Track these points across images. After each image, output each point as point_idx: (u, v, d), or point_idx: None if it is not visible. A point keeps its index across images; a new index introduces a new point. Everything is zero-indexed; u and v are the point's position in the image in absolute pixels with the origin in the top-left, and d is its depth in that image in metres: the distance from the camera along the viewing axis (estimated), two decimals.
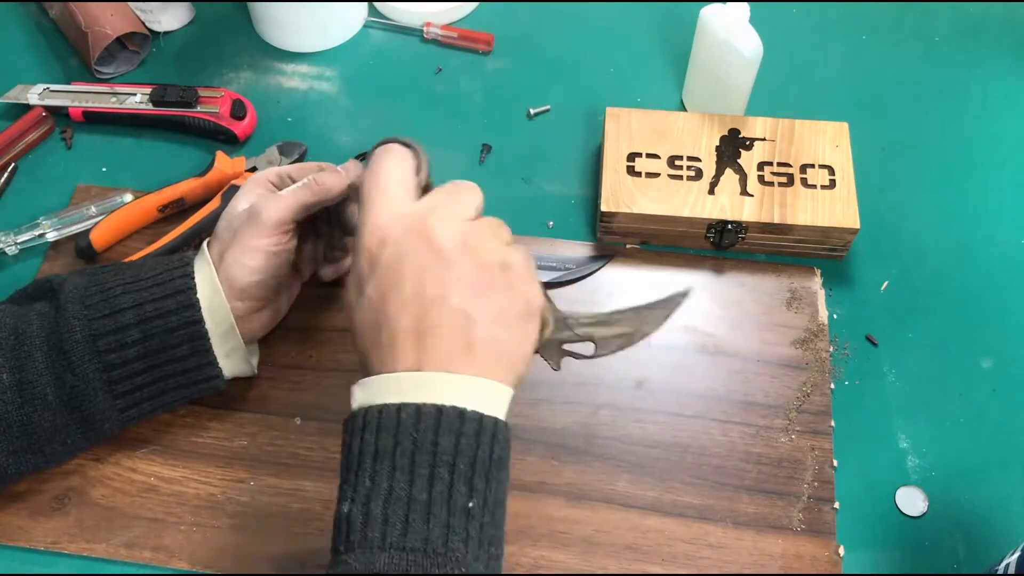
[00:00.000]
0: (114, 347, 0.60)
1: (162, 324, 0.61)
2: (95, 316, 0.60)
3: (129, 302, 0.61)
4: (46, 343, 0.60)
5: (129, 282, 0.62)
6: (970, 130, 0.87)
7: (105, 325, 0.60)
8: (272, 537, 0.64)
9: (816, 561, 0.64)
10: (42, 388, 0.60)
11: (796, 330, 0.74)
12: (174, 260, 0.63)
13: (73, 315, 0.60)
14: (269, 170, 0.69)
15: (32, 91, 0.85)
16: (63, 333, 0.60)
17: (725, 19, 0.78)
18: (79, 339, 0.60)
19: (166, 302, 0.61)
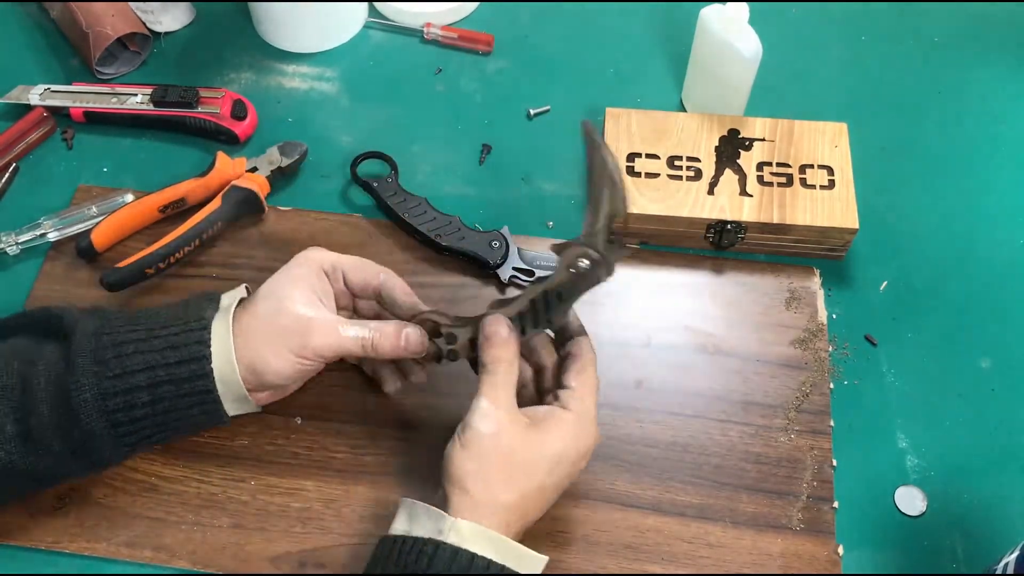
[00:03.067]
0: (123, 407, 0.59)
1: (173, 389, 0.60)
2: (106, 375, 0.59)
3: (141, 364, 0.59)
4: (54, 396, 0.59)
5: (142, 339, 0.60)
6: (969, 130, 0.87)
7: (115, 386, 0.59)
8: (272, 537, 0.64)
9: (815, 560, 0.64)
10: (47, 440, 0.59)
11: (795, 330, 0.74)
12: (191, 321, 0.61)
13: (83, 372, 0.59)
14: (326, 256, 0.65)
15: (33, 91, 0.85)
16: (71, 390, 0.58)
17: (725, 19, 0.78)
18: (88, 398, 0.58)
19: (179, 369, 0.60)
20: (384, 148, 0.84)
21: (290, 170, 0.81)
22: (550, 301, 0.60)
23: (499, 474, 0.57)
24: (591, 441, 0.61)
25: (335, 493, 0.66)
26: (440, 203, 0.81)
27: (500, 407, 0.58)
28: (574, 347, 0.63)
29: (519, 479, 0.57)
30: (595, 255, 0.58)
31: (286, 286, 0.63)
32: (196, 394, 0.60)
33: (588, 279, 0.59)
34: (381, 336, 0.63)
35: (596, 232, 0.58)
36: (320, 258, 0.65)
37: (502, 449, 0.57)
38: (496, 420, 0.58)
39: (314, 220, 0.80)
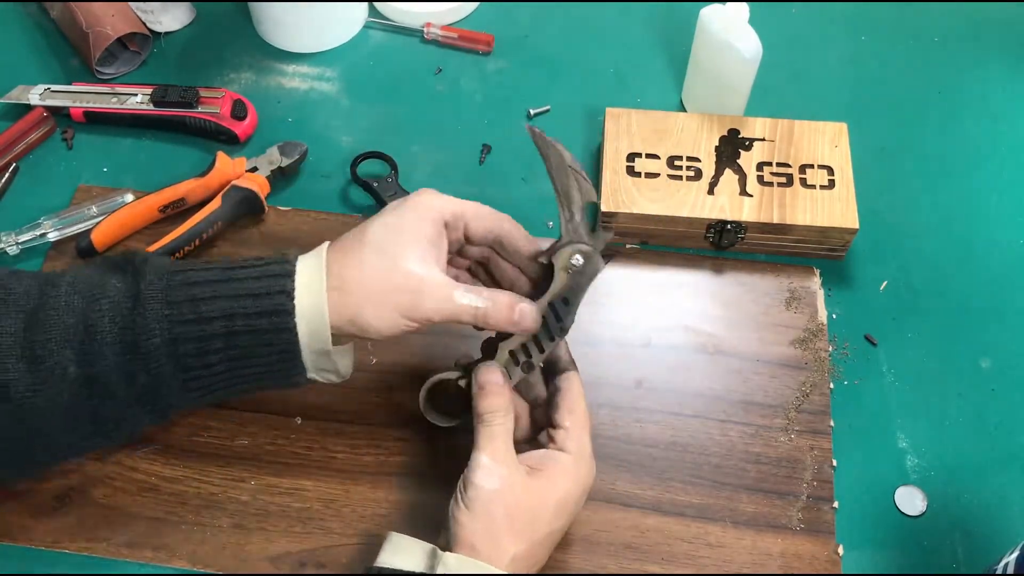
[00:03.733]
0: (195, 353, 0.55)
1: (251, 339, 0.55)
2: (178, 320, 0.54)
3: (217, 311, 0.54)
4: (119, 340, 0.54)
5: (220, 280, 0.55)
6: (969, 130, 0.87)
7: (189, 332, 0.54)
8: (272, 537, 0.65)
9: (815, 560, 0.64)
10: (112, 385, 0.55)
11: (795, 330, 0.74)
12: (273, 266, 0.56)
13: (153, 317, 0.54)
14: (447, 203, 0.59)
15: (33, 91, 0.85)
16: (140, 334, 0.54)
17: (725, 19, 0.78)
18: (158, 343, 0.54)
19: (259, 321, 0.55)
20: (384, 148, 0.84)
21: (290, 170, 0.81)
22: (558, 309, 0.60)
23: (507, 530, 0.56)
24: (590, 479, 0.60)
25: (335, 493, 0.66)
26: None
27: (500, 461, 0.57)
28: (563, 382, 0.62)
29: (527, 531, 0.56)
30: (586, 248, 0.59)
31: (401, 240, 0.57)
32: (277, 344, 0.55)
33: (587, 273, 0.59)
34: (495, 307, 0.58)
35: (576, 225, 0.59)
36: (441, 206, 0.59)
37: (507, 504, 0.56)
38: (499, 476, 0.56)
39: (314, 220, 0.80)
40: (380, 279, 0.56)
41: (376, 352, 0.73)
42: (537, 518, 0.57)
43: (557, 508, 0.58)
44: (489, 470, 0.57)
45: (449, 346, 0.72)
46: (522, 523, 0.56)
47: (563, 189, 0.59)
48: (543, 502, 0.57)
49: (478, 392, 0.59)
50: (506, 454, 0.58)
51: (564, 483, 0.58)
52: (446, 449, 0.68)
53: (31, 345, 0.54)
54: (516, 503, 0.56)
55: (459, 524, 0.56)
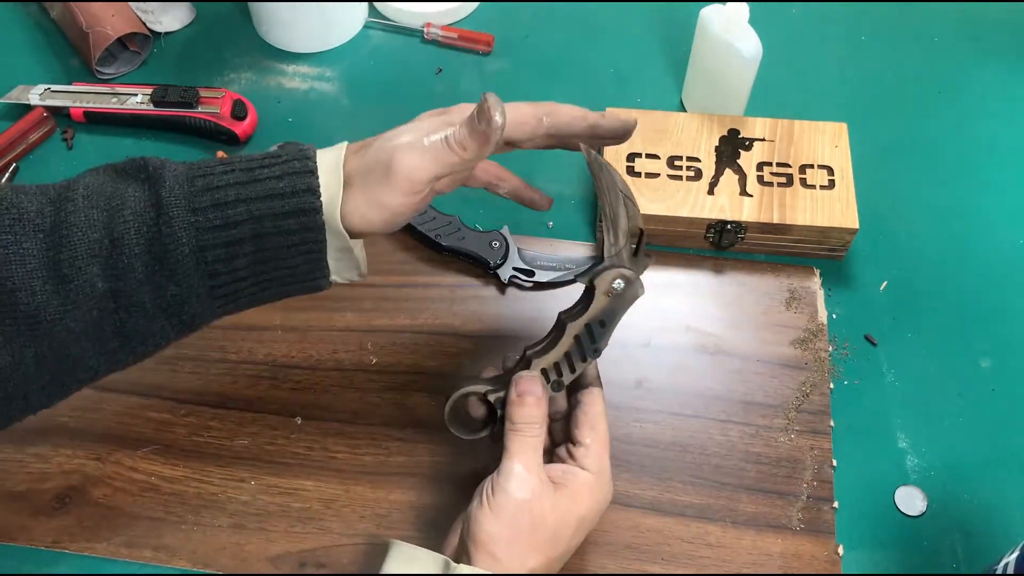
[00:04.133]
0: (223, 258, 0.53)
1: (280, 241, 0.54)
2: (205, 226, 0.52)
3: (245, 214, 0.53)
4: (147, 252, 0.52)
5: (244, 183, 0.53)
6: (969, 130, 0.87)
7: (217, 238, 0.52)
8: (272, 537, 0.65)
9: (815, 560, 0.64)
10: (140, 297, 0.53)
11: (795, 330, 0.74)
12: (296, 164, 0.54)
13: (180, 225, 0.52)
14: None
15: (33, 91, 0.85)
16: (168, 244, 0.52)
17: (725, 19, 0.78)
18: (187, 252, 0.52)
19: (287, 221, 0.53)
20: None
21: None
22: (594, 330, 0.60)
23: (530, 543, 0.55)
24: (608, 499, 0.60)
25: (335, 493, 0.66)
26: (440, 203, 0.81)
27: (533, 473, 0.57)
28: (586, 396, 0.61)
29: (548, 547, 0.56)
30: (629, 274, 0.59)
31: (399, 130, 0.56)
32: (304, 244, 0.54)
33: (627, 298, 0.59)
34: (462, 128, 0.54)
35: (620, 250, 0.59)
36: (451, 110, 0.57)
37: (534, 517, 0.56)
38: (531, 488, 0.56)
39: None
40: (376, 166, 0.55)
41: (376, 352, 0.73)
42: (559, 535, 0.57)
43: (578, 526, 0.58)
44: (523, 480, 0.56)
45: (448, 344, 0.73)
46: (545, 538, 0.56)
47: (611, 212, 0.59)
48: (566, 519, 0.57)
49: (516, 400, 0.59)
50: (539, 467, 0.58)
51: (586, 502, 0.58)
52: (446, 450, 0.68)
53: (57, 265, 0.52)
54: (543, 517, 0.56)
55: (483, 530, 0.55)
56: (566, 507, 0.57)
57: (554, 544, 0.56)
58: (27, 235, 0.52)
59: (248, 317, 0.73)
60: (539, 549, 0.56)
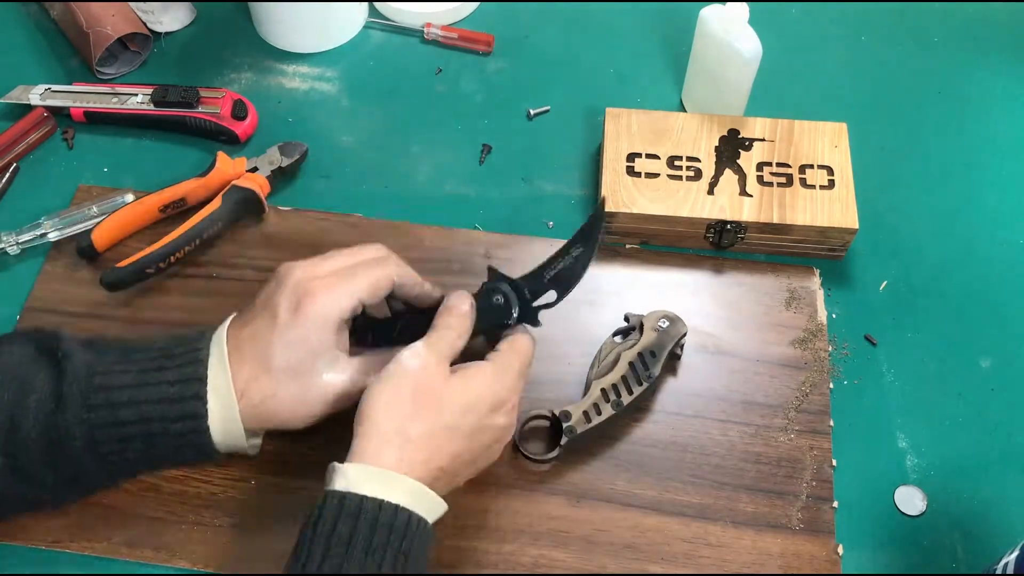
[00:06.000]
0: (115, 451, 0.59)
1: (168, 442, 0.59)
2: (97, 423, 0.58)
3: (134, 416, 0.58)
4: (43, 437, 0.58)
5: (136, 386, 0.58)
6: (969, 130, 0.87)
7: (108, 434, 0.58)
8: (272, 536, 0.65)
9: (815, 560, 0.64)
10: (39, 474, 0.59)
11: (795, 330, 0.74)
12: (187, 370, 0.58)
13: (74, 420, 0.57)
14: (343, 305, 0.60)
15: (34, 91, 0.85)
16: (62, 436, 0.58)
17: (725, 19, 0.78)
18: (79, 445, 0.58)
19: (175, 425, 0.58)
20: (384, 148, 0.84)
21: (290, 170, 0.81)
22: (646, 359, 0.68)
23: (412, 405, 0.57)
24: (508, 394, 0.60)
25: None
26: (440, 203, 0.81)
27: (431, 352, 0.59)
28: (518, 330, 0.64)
29: (429, 414, 0.57)
30: (672, 314, 0.70)
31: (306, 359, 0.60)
32: (191, 446, 0.59)
33: (671, 333, 0.70)
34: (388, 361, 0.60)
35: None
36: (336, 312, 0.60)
37: (418, 383, 0.57)
38: (423, 360, 0.58)
39: (314, 220, 0.80)
40: (298, 398, 0.60)
41: None
42: (442, 406, 0.57)
43: (465, 406, 0.58)
44: (416, 352, 0.58)
45: None
46: (427, 405, 0.57)
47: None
48: (452, 394, 0.58)
49: (442, 310, 0.62)
50: (440, 352, 0.59)
51: (477, 386, 0.59)
52: None
53: None
54: (428, 386, 0.57)
55: (368, 393, 0.57)
56: (456, 385, 0.58)
57: (436, 413, 0.57)
58: None
59: None
60: (418, 415, 0.56)
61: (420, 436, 0.56)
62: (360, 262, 0.63)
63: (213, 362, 0.59)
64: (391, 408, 0.56)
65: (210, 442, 0.59)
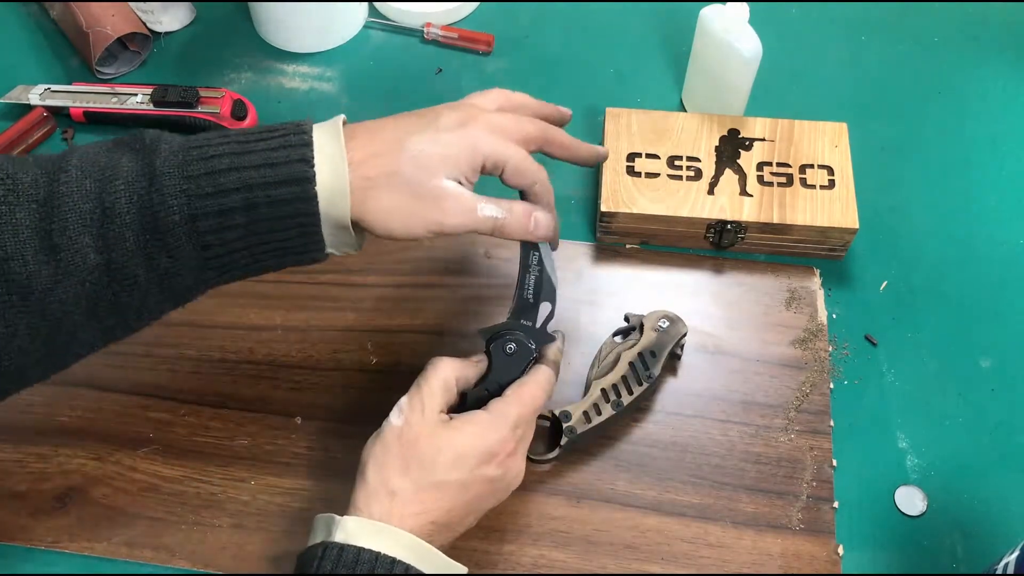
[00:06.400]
0: (215, 229, 0.53)
1: (272, 212, 0.54)
2: (196, 194, 0.52)
3: (236, 182, 0.53)
4: (138, 221, 0.52)
5: (237, 153, 0.54)
6: (969, 130, 0.87)
7: (208, 206, 0.52)
8: (272, 537, 0.65)
9: (815, 560, 0.64)
10: (132, 269, 0.53)
11: (795, 330, 0.74)
12: (292, 137, 0.55)
13: (171, 192, 0.52)
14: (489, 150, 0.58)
15: (33, 91, 0.85)
16: (159, 212, 0.52)
17: (725, 19, 0.78)
18: (177, 220, 0.52)
19: (279, 190, 0.53)
20: None
21: None
22: (646, 359, 0.68)
23: (397, 462, 0.56)
24: (499, 447, 0.58)
25: (335, 493, 0.66)
26: None
27: (414, 406, 0.58)
28: (533, 370, 0.62)
29: (415, 472, 0.56)
30: (672, 314, 0.70)
31: (436, 162, 0.57)
32: (297, 215, 0.54)
33: (671, 333, 0.70)
34: (512, 217, 0.59)
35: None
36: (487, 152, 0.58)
37: (405, 441, 0.57)
38: (405, 416, 0.58)
39: None
40: (413, 186, 0.56)
41: (376, 352, 0.73)
42: (432, 462, 0.56)
43: (455, 459, 0.56)
44: (400, 409, 0.58)
45: (448, 345, 0.73)
46: (414, 463, 0.56)
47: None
48: (440, 449, 0.57)
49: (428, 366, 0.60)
50: (422, 402, 0.58)
51: (468, 437, 0.57)
52: None
53: (49, 235, 0.52)
54: (414, 442, 0.57)
55: (363, 455, 0.58)
56: (445, 437, 0.57)
57: (424, 470, 0.56)
58: (21, 205, 0.52)
59: (248, 317, 0.74)
60: (405, 472, 0.56)
61: (407, 491, 0.56)
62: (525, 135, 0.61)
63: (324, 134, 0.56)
64: (378, 467, 0.56)
65: (317, 213, 0.54)
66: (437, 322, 0.74)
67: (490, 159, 0.58)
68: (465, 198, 0.58)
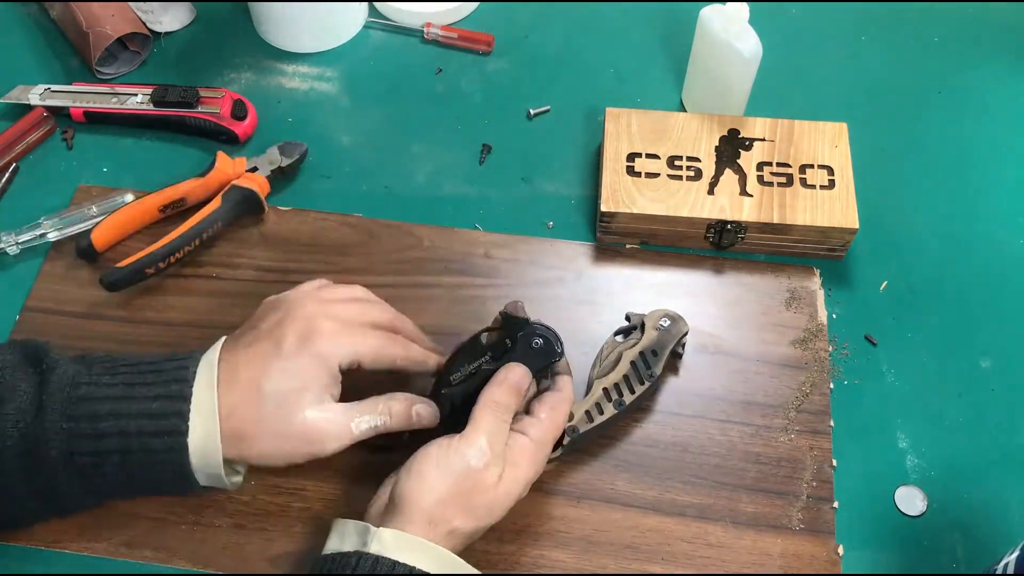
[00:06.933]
0: (91, 465, 0.58)
1: (146, 458, 0.58)
2: (76, 433, 0.57)
3: (114, 428, 0.57)
4: (20, 444, 0.57)
5: (119, 398, 0.58)
6: (969, 130, 0.87)
7: (85, 445, 0.57)
8: (272, 537, 0.64)
9: (815, 560, 0.64)
10: (13, 485, 0.58)
11: (795, 330, 0.74)
12: (172, 387, 0.58)
13: (52, 429, 0.57)
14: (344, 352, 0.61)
15: (33, 91, 0.85)
16: (40, 443, 0.57)
17: (725, 19, 0.78)
18: (55, 455, 0.57)
19: (153, 441, 0.58)
20: (384, 148, 0.84)
21: (290, 170, 0.81)
22: (647, 358, 0.68)
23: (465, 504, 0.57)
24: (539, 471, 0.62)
25: (335, 493, 0.66)
26: (440, 203, 0.81)
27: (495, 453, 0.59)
28: (557, 382, 0.64)
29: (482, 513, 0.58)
30: (673, 313, 0.70)
31: (298, 390, 0.59)
32: (169, 464, 0.58)
33: (672, 332, 0.70)
34: (393, 418, 0.62)
35: None
36: (339, 356, 0.61)
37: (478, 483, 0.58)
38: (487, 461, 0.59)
39: (314, 220, 0.80)
40: (280, 430, 0.59)
41: None
42: (494, 505, 0.59)
43: (507, 494, 0.59)
44: (482, 453, 0.58)
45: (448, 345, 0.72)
46: (482, 505, 0.58)
47: None
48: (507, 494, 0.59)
49: (505, 383, 0.61)
50: (501, 447, 0.59)
51: (523, 468, 0.60)
52: None
53: None
54: (487, 487, 0.58)
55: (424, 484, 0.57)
56: (510, 476, 0.59)
57: (489, 513, 0.58)
58: None
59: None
60: (471, 513, 0.58)
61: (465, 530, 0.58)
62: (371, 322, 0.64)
63: (201, 382, 0.59)
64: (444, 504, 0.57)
65: (188, 463, 0.58)
66: (437, 322, 0.74)
67: (344, 361, 0.61)
68: (335, 424, 0.60)
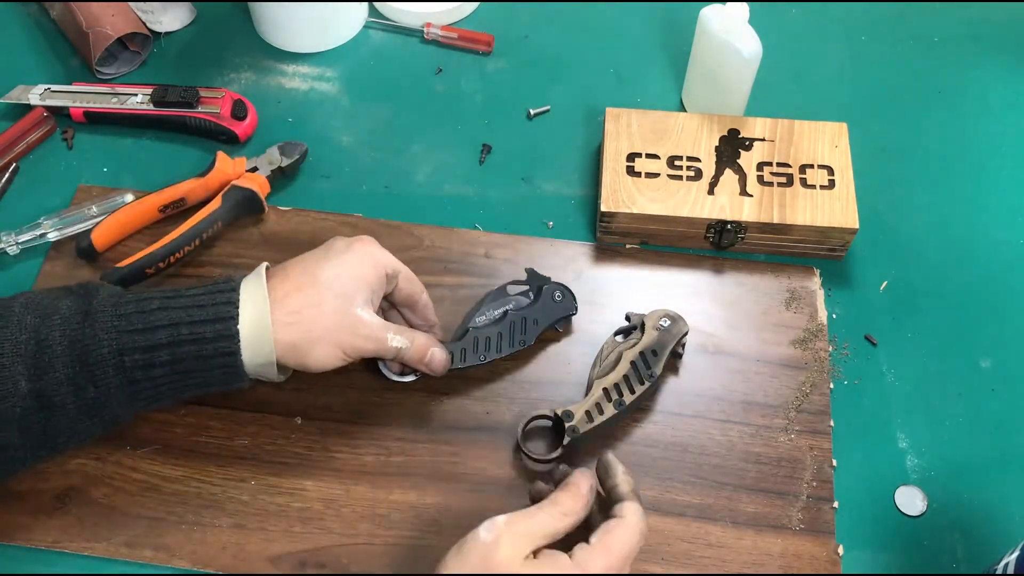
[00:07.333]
0: (141, 364, 0.58)
1: (195, 350, 0.58)
2: (126, 329, 0.57)
3: (164, 320, 0.58)
4: (68, 352, 0.57)
5: (168, 296, 0.59)
6: (969, 130, 0.87)
7: (135, 341, 0.57)
8: (272, 537, 0.65)
9: (815, 560, 0.64)
10: (61, 398, 0.57)
11: (795, 330, 0.74)
12: (220, 282, 0.60)
13: (102, 327, 0.57)
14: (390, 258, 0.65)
15: (33, 91, 0.85)
16: (88, 345, 0.57)
17: (725, 19, 0.78)
18: (105, 354, 0.57)
19: (203, 328, 0.58)
20: (384, 148, 0.84)
21: (290, 170, 0.81)
22: (647, 358, 0.69)
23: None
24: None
25: (335, 493, 0.66)
26: (440, 203, 0.81)
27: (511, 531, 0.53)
28: (620, 510, 0.56)
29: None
30: (673, 313, 0.71)
31: (355, 285, 0.62)
32: (219, 355, 0.59)
33: (673, 332, 0.70)
34: (413, 348, 0.65)
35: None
36: (385, 261, 0.65)
37: (488, 562, 0.52)
38: (498, 534, 0.53)
39: (314, 220, 0.80)
40: (336, 321, 0.61)
41: None
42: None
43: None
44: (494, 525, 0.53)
45: None
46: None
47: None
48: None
49: (570, 489, 0.56)
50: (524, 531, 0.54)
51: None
52: (446, 450, 0.68)
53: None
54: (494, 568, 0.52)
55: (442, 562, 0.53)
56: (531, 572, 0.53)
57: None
58: None
59: None
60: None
61: None
62: None
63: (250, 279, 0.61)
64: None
65: (238, 351, 0.59)
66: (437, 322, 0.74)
67: (389, 266, 0.65)
68: (378, 328, 0.63)
